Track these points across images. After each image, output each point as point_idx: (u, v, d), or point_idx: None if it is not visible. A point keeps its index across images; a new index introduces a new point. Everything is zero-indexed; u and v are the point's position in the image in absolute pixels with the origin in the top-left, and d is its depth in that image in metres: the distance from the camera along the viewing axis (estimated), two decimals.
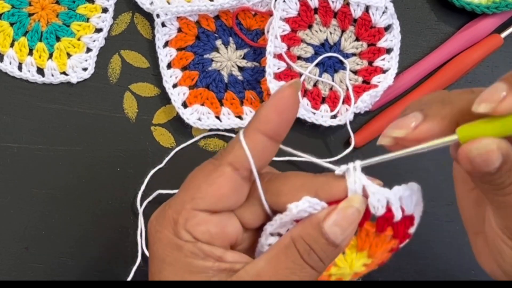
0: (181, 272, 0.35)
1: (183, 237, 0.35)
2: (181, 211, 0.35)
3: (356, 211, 0.34)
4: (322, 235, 0.34)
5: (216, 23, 0.59)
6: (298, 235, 0.34)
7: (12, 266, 0.58)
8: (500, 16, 0.58)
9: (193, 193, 0.35)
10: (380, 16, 0.57)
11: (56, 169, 0.58)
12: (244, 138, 0.35)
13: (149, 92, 0.59)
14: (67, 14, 0.59)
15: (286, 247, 0.35)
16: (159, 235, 0.36)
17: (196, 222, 0.35)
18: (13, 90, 0.59)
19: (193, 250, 0.35)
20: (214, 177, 0.35)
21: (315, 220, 0.34)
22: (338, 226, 0.34)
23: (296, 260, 0.34)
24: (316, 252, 0.34)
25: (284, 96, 0.35)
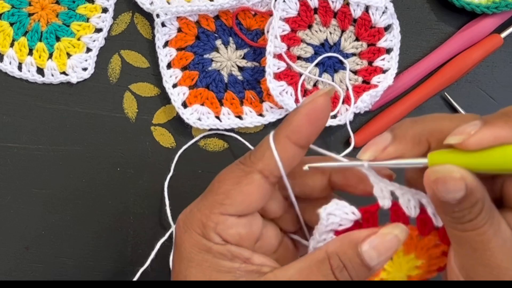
0: (209, 271, 0.35)
1: (212, 239, 0.35)
2: (209, 215, 0.36)
3: (396, 239, 0.34)
4: (358, 256, 0.34)
5: (216, 23, 0.59)
6: (334, 251, 0.35)
7: (12, 266, 0.58)
8: (500, 16, 0.58)
9: (223, 198, 0.36)
10: (380, 16, 0.57)
11: (56, 169, 0.58)
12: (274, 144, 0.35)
13: (149, 92, 0.59)
14: (67, 14, 0.59)
15: (320, 261, 0.35)
16: (187, 236, 0.36)
17: (227, 226, 0.36)
18: (13, 90, 0.59)
19: (222, 251, 0.35)
20: (244, 184, 0.36)
21: (353, 240, 0.34)
22: (375, 250, 0.34)
23: (327, 275, 0.34)
24: (348, 270, 0.34)
25: (318, 105, 0.35)
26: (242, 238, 0.36)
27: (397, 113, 0.58)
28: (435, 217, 0.35)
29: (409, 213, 0.35)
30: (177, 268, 0.37)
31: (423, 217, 0.35)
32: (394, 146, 0.34)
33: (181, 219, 0.37)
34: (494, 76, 0.60)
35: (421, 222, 0.35)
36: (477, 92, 0.60)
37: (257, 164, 0.36)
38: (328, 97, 0.36)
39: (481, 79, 0.60)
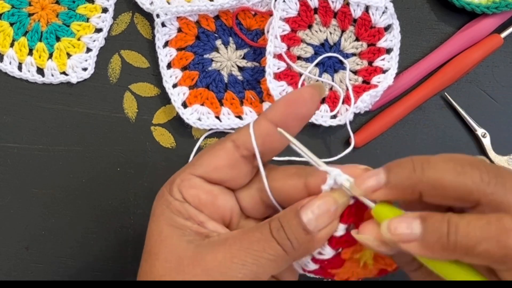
0: (162, 224, 0.37)
1: (174, 194, 0.38)
2: (180, 173, 0.38)
3: (333, 202, 0.35)
4: (296, 216, 0.35)
5: (216, 23, 0.59)
6: (276, 215, 0.36)
7: (12, 266, 0.58)
8: (500, 16, 0.58)
9: (194, 160, 0.38)
10: (380, 16, 0.57)
11: (56, 169, 0.58)
12: (253, 123, 0.37)
13: (149, 92, 0.59)
14: (67, 14, 0.59)
15: (261, 224, 0.36)
16: (158, 193, 0.39)
17: (189, 185, 0.38)
18: (13, 90, 0.59)
19: (179, 208, 0.37)
20: (215, 150, 0.38)
21: (295, 205, 0.36)
22: (313, 212, 0.35)
23: (264, 233, 0.35)
24: (285, 230, 0.35)
25: (299, 92, 0.38)
26: (201, 202, 0.38)
27: (397, 113, 0.58)
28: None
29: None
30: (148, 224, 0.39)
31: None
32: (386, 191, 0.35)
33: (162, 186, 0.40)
34: (494, 76, 0.60)
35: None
36: (477, 92, 0.60)
37: (232, 135, 0.38)
38: (314, 91, 0.37)
39: (481, 79, 0.60)
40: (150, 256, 0.37)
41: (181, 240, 0.37)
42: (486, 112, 0.59)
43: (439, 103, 0.60)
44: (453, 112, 0.59)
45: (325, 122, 0.57)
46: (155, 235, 0.37)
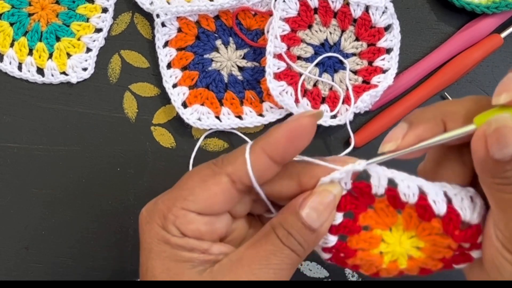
0: (167, 261, 0.36)
1: (171, 231, 0.36)
2: (171, 208, 0.36)
3: (331, 195, 0.35)
4: (299, 220, 0.35)
5: (216, 23, 0.59)
6: (277, 221, 0.36)
7: (12, 266, 0.58)
8: (500, 16, 0.58)
9: (186, 194, 0.36)
10: (380, 16, 0.57)
11: (56, 169, 0.59)
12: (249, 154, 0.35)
13: (149, 92, 0.59)
14: (67, 14, 0.59)
15: (266, 234, 0.36)
16: (148, 227, 0.37)
17: (186, 221, 0.36)
18: (13, 90, 0.59)
19: (180, 243, 0.36)
20: (209, 184, 0.36)
21: (292, 206, 0.36)
22: (314, 210, 0.35)
23: (276, 243, 0.35)
24: (294, 236, 0.35)
25: (301, 125, 0.35)
26: (202, 234, 0.36)
27: (397, 113, 0.58)
28: (436, 204, 0.35)
29: (406, 199, 0.35)
30: (141, 259, 0.37)
31: (422, 203, 0.35)
32: (412, 132, 0.35)
33: (145, 210, 0.38)
34: (494, 76, 0.60)
35: (420, 208, 0.35)
36: (477, 92, 0.60)
37: (227, 167, 0.36)
38: (314, 120, 0.36)
39: (481, 79, 0.60)
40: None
41: (192, 273, 0.36)
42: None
43: None
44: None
45: (325, 122, 0.57)
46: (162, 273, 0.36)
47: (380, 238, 0.38)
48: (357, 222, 0.37)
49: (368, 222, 0.37)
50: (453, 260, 0.38)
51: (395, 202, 0.36)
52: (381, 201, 0.37)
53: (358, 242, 0.38)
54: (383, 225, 0.37)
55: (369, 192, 0.36)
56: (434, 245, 0.37)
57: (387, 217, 0.37)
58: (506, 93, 0.31)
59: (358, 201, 0.36)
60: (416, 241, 0.38)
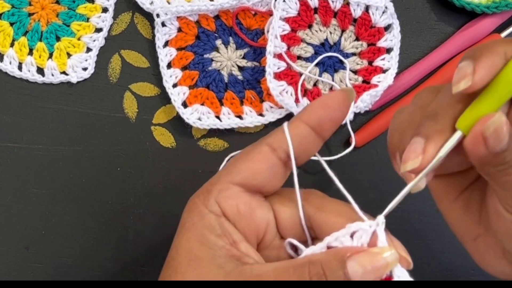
0: (192, 239, 0.35)
1: (210, 206, 0.36)
2: (216, 183, 0.36)
3: (385, 263, 0.33)
4: (342, 268, 0.33)
5: (216, 23, 0.59)
6: (318, 259, 0.34)
7: (12, 266, 0.58)
8: (500, 16, 0.58)
9: (231, 168, 0.37)
10: (380, 16, 0.57)
11: (56, 169, 0.58)
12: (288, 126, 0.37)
13: (149, 92, 0.59)
14: (67, 14, 0.59)
15: (300, 265, 0.34)
16: (190, 204, 0.37)
17: (228, 195, 0.36)
18: (13, 90, 0.59)
19: (213, 223, 0.35)
20: (251, 154, 0.37)
21: (341, 252, 0.33)
22: (361, 267, 0.33)
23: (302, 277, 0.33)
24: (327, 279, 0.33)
25: (333, 96, 0.37)
26: (240, 213, 0.36)
27: None
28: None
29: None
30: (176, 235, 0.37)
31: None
32: (432, 144, 0.34)
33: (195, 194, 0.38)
34: None
35: None
36: None
37: (267, 139, 0.37)
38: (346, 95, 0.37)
39: None
40: (175, 274, 0.35)
41: (211, 264, 0.34)
42: None
43: None
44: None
45: None
46: (184, 252, 0.35)
47: None
48: None
49: None
50: None
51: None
52: None
53: None
54: None
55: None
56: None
57: None
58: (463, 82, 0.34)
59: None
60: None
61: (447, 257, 0.57)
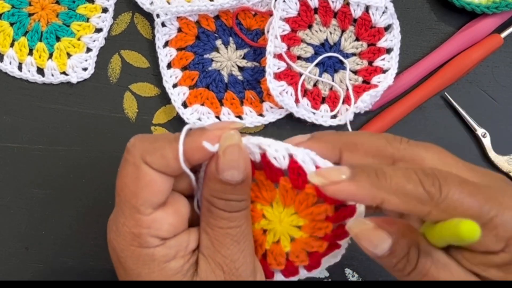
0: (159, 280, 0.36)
1: (152, 244, 0.36)
2: (136, 223, 0.36)
3: (237, 147, 0.36)
4: (223, 183, 0.36)
5: (216, 23, 0.59)
6: (209, 194, 0.36)
7: (12, 266, 0.58)
8: (500, 16, 0.58)
9: (135, 202, 0.36)
10: (380, 16, 0.57)
11: (56, 169, 0.58)
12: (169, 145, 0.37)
13: (149, 92, 0.59)
14: (67, 14, 0.59)
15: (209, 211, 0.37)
16: (128, 253, 0.37)
17: (159, 224, 0.36)
18: (13, 90, 0.59)
19: (164, 252, 0.36)
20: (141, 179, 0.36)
21: (211, 175, 0.36)
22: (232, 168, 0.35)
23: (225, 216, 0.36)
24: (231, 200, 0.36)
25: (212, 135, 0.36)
26: (175, 226, 0.37)
27: (397, 113, 0.58)
28: (305, 164, 0.36)
29: (278, 164, 0.36)
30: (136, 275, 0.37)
31: (293, 166, 0.36)
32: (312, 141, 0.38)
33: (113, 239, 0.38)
34: (494, 76, 0.60)
35: (292, 171, 0.36)
36: (477, 92, 0.60)
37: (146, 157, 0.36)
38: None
39: (481, 79, 0.60)
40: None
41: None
42: (486, 112, 0.59)
43: (439, 103, 0.60)
44: (453, 112, 0.59)
45: (325, 122, 0.57)
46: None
47: (261, 213, 0.39)
48: None
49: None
50: (335, 235, 0.38)
51: (271, 171, 0.36)
52: (261, 174, 0.37)
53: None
54: (263, 200, 0.38)
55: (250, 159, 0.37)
56: (313, 220, 0.38)
57: (266, 191, 0.38)
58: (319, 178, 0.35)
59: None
60: (296, 219, 0.38)
61: None
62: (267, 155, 0.36)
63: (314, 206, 0.37)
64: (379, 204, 0.33)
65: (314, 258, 0.39)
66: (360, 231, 0.35)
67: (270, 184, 0.38)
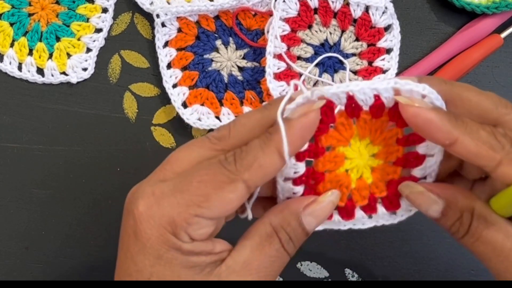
0: (178, 268, 0.36)
1: (182, 238, 0.35)
2: (183, 215, 0.35)
3: (331, 204, 0.38)
4: (300, 225, 0.37)
5: (216, 23, 0.59)
6: (279, 224, 0.37)
7: (12, 266, 0.58)
8: (500, 16, 0.58)
9: (201, 201, 0.35)
10: (380, 16, 0.57)
11: (56, 169, 0.59)
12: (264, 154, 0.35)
13: (149, 92, 0.60)
14: (67, 14, 0.59)
15: (269, 236, 0.37)
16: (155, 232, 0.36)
17: (198, 227, 0.36)
18: (13, 90, 0.59)
19: (190, 248, 0.36)
20: (226, 191, 0.35)
21: (294, 210, 0.37)
22: (314, 217, 0.37)
23: (279, 249, 0.37)
24: (293, 241, 0.37)
25: (311, 120, 0.35)
26: (210, 235, 0.37)
27: None
28: (387, 99, 0.37)
29: (365, 103, 0.37)
30: (139, 262, 0.36)
31: (376, 104, 0.37)
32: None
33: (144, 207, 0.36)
34: (494, 76, 0.60)
35: (374, 108, 0.37)
36: None
37: (244, 174, 0.35)
38: (318, 112, 0.36)
39: (481, 79, 0.60)
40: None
41: (201, 276, 0.36)
42: None
43: None
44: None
45: None
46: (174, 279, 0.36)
47: (343, 156, 0.39)
48: (319, 143, 0.38)
49: (330, 142, 0.39)
50: (407, 159, 0.39)
51: (353, 110, 0.37)
52: (340, 115, 0.38)
53: (324, 164, 0.39)
54: (343, 141, 0.39)
55: (332, 108, 0.37)
56: (386, 144, 0.39)
57: (346, 131, 0.38)
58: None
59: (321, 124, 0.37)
60: (372, 148, 0.39)
61: (447, 257, 0.57)
62: (355, 97, 0.37)
63: (386, 131, 0.39)
64: (453, 143, 0.34)
65: (391, 189, 0.40)
66: (410, 193, 0.38)
67: (350, 122, 0.38)
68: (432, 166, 0.39)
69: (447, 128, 0.34)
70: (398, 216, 0.41)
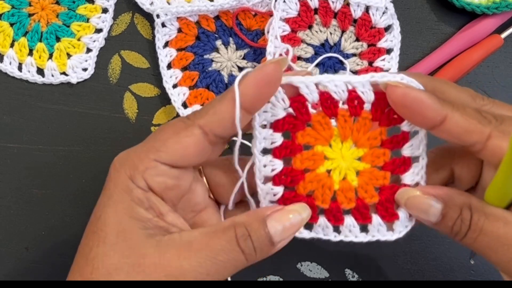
0: (121, 213, 0.36)
1: (137, 182, 0.36)
2: (143, 158, 0.37)
3: (300, 220, 0.37)
4: (263, 228, 0.36)
5: (216, 23, 0.59)
6: (241, 221, 0.37)
7: (12, 266, 0.58)
8: (500, 16, 0.58)
9: (159, 145, 0.37)
10: (380, 17, 0.57)
11: (56, 169, 0.59)
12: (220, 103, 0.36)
13: (149, 92, 0.60)
14: (67, 15, 0.59)
15: (226, 227, 0.36)
16: (116, 175, 0.37)
17: (156, 173, 0.36)
18: (13, 90, 0.59)
19: (141, 197, 0.36)
20: (182, 136, 0.37)
21: (261, 213, 0.37)
22: (280, 225, 0.36)
23: (231, 241, 0.36)
24: (252, 240, 0.36)
25: (267, 72, 0.36)
26: (167, 188, 0.37)
27: None
28: (364, 94, 0.37)
29: (339, 98, 0.37)
30: (97, 206, 0.38)
31: (353, 96, 0.37)
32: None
33: (117, 160, 0.38)
34: (494, 76, 0.60)
35: (351, 101, 0.37)
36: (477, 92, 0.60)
37: (199, 120, 0.37)
38: (279, 66, 0.36)
39: (481, 79, 0.60)
40: (103, 244, 0.36)
41: (141, 234, 0.36)
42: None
43: None
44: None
45: None
46: (113, 224, 0.36)
47: (323, 155, 0.39)
48: (295, 140, 0.38)
49: (308, 140, 0.39)
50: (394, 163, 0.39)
51: (329, 106, 0.37)
52: (317, 114, 0.38)
53: (302, 162, 0.39)
54: (322, 141, 0.39)
55: (304, 102, 0.37)
56: (371, 147, 0.39)
57: (324, 130, 0.38)
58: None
59: (296, 120, 0.37)
60: (356, 151, 0.39)
61: (447, 257, 0.57)
62: (328, 90, 0.37)
63: (370, 132, 0.38)
64: (442, 120, 0.35)
65: (384, 195, 0.39)
66: (408, 199, 0.37)
67: (328, 121, 0.38)
68: (420, 172, 0.39)
69: (437, 106, 0.35)
70: (396, 232, 0.40)
